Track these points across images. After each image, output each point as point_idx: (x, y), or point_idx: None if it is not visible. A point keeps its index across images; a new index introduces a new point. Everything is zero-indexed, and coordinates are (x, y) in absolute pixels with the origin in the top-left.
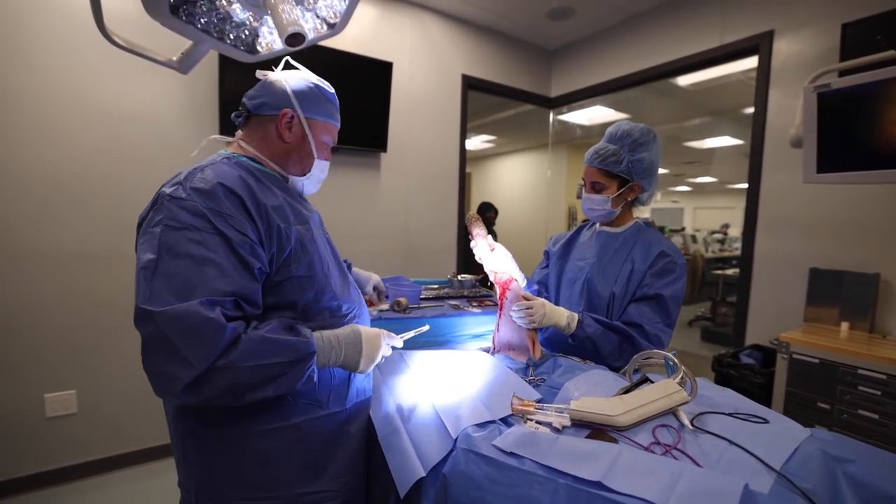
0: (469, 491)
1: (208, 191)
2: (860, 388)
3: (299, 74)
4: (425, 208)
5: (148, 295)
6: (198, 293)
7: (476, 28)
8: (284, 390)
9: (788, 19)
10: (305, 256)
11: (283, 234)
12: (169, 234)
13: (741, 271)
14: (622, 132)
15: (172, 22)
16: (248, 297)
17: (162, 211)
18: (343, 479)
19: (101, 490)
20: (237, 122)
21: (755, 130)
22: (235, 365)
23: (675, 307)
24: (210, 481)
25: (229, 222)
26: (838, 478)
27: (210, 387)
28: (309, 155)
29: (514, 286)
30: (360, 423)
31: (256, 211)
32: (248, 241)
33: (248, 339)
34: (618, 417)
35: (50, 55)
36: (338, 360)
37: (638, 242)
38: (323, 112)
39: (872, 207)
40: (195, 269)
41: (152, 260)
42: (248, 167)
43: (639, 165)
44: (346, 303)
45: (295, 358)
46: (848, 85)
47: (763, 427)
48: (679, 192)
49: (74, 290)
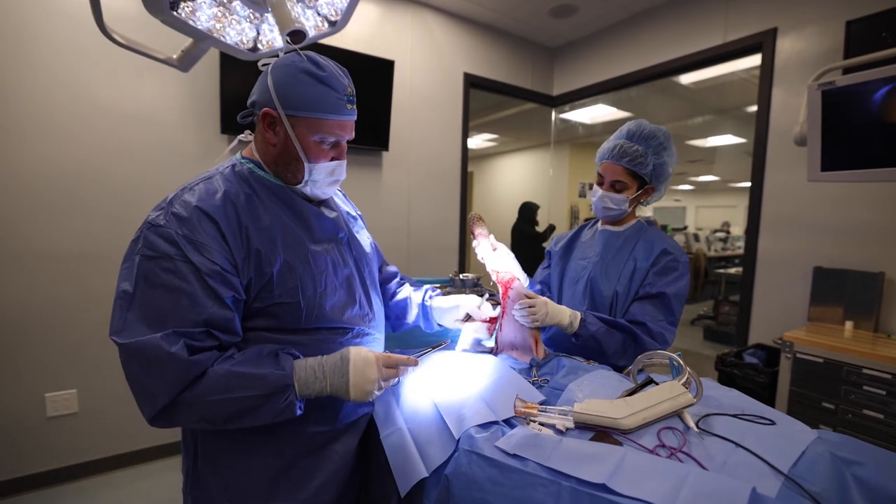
0: (471, 492)
1: (186, 217)
2: (865, 388)
3: (288, 59)
4: (428, 207)
5: (120, 326)
6: (169, 323)
7: (478, 26)
8: (265, 421)
9: (792, 17)
10: (293, 281)
11: (263, 258)
12: (144, 264)
13: (744, 270)
14: (647, 133)
15: (172, 19)
16: (221, 325)
17: (141, 239)
18: (324, 496)
19: (102, 490)
20: (243, 122)
21: (758, 129)
22: (201, 398)
23: (679, 305)
24: (198, 480)
25: (201, 251)
26: (847, 480)
27: (179, 417)
28: (296, 159)
29: (516, 285)
30: (350, 442)
31: (233, 234)
32: (219, 270)
33: (214, 372)
34: (622, 420)
35: (50, 54)
36: (323, 389)
37: (640, 241)
38: (311, 106)
39: (877, 206)
40: (168, 299)
41: (128, 290)
42: (249, 178)
43: (661, 169)
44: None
45: (267, 391)
46: (852, 83)
47: (770, 429)
48: (682, 190)
49: (75, 290)
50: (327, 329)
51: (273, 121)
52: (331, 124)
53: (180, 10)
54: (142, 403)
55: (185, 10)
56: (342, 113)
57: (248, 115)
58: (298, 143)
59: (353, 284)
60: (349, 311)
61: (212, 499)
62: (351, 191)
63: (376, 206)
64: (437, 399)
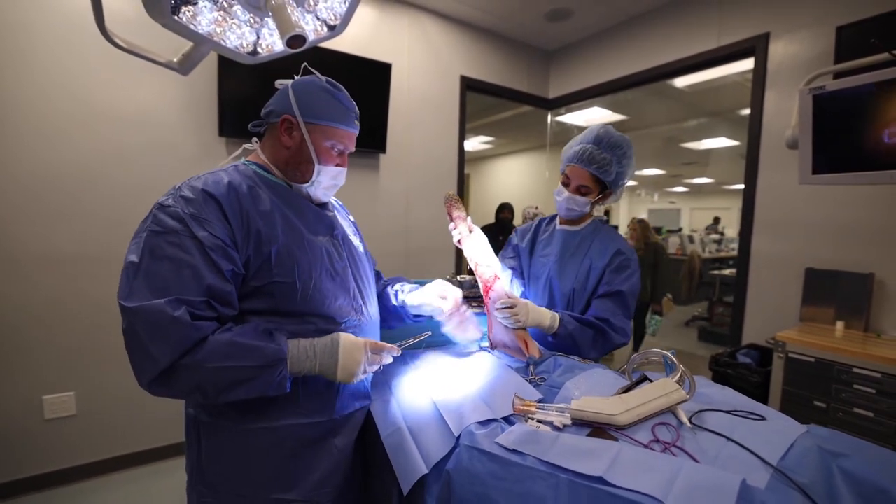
0: (472, 487)
1: (192, 198)
2: (855, 387)
3: (309, 79)
4: (425, 209)
5: (127, 292)
6: (171, 292)
7: (474, 29)
8: (257, 394)
9: (784, 22)
10: (290, 262)
11: (262, 237)
12: (151, 239)
13: (738, 271)
14: (614, 141)
15: (174, 23)
16: (220, 297)
17: (150, 218)
18: (324, 489)
19: (100, 492)
20: (254, 131)
21: (751, 132)
22: (200, 365)
23: (633, 300)
24: (200, 468)
25: (205, 227)
26: (833, 472)
27: (177, 383)
28: (308, 161)
29: (497, 286)
30: (348, 436)
31: (235, 215)
32: (221, 244)
33: (215, 340)
34: (618, 416)
35: (47, 56)
36: (312, 368)
37: (595, 241)
38: (326, 116)
39: (867, 208)
40: (172, 270)
41: (134, 261)
42: (251, 174)
43: (621, 177)
44: (337, 315)
45: (263, 363)
46: (843, 87)
47: (760, 424)
48: (676, 192)
49: (73, 292)
50: (320, 317)
51: (291, 126)
52: (341, 133)
53: (181, 15)
54: (142, 367)
55: (187, 14)
56: (351, 125)
57: (258, 124)
58: (312, 146)
59: (346, 276)
60: (342, 299)
61: (216, 493)
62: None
63: (374, 209)
64: (436, 398)
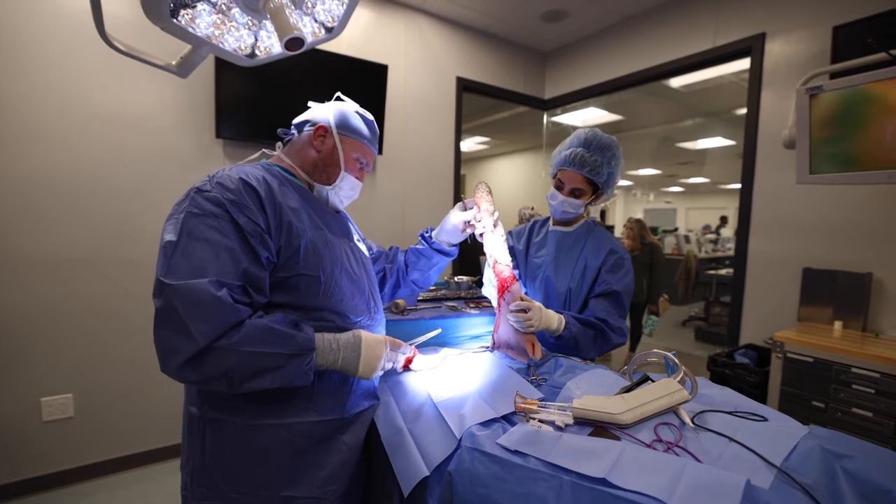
0: (474, 488)
1: (231, 187)
2: (854, 387)
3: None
4: (422, 210)
5: (166, 269)
6: (210, 273)
7: (470, 30)
8: (281, 384)
9: (780, 22)
10: (315, 257)
11: (293, 229)
12: (190, 220)
13: (735, 271)
14: (603, 144)
15: (172, 26)
16: (255, 283)
17: (188, 200)
18: (332, 486)
19: (98, 494)
20: (283, 136)
21: (748, 131)
22: (236, 348)
23: (628, 299)
24: (204, 467)
25: (244, 213)
26: (837, 473)
27: (208, 366)
28: (336, 165)
29: (514, 288)
30: (357, 434)
31: (271, 206)
32: (259, 230)
33: (251, 324)
34: (620, 416)
35: (44, 59)
36: (336, 362)
37: (588, 241)
38: (356, 132)
39: (864, 208)
40: (210, 251)
41: (173, 240)
42: (276, 174)
43: (612, 177)
44: (353, 313)
45: (294, 351)
46: (839, 87)
47: (762, 425)
48: (672, 192)
49: (70, 295)
50: (337, 314)
51: (325, 133)
52: (366, 150)
53: (180, 18)
54: (176, 348)
55: (185, 17)
56: (374, 145)
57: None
58: (342, 153)
59: (362, 276)
60: (359, 298)
61: (220, 492)
62: None
63: (371, 210)
64: (436, 399)
